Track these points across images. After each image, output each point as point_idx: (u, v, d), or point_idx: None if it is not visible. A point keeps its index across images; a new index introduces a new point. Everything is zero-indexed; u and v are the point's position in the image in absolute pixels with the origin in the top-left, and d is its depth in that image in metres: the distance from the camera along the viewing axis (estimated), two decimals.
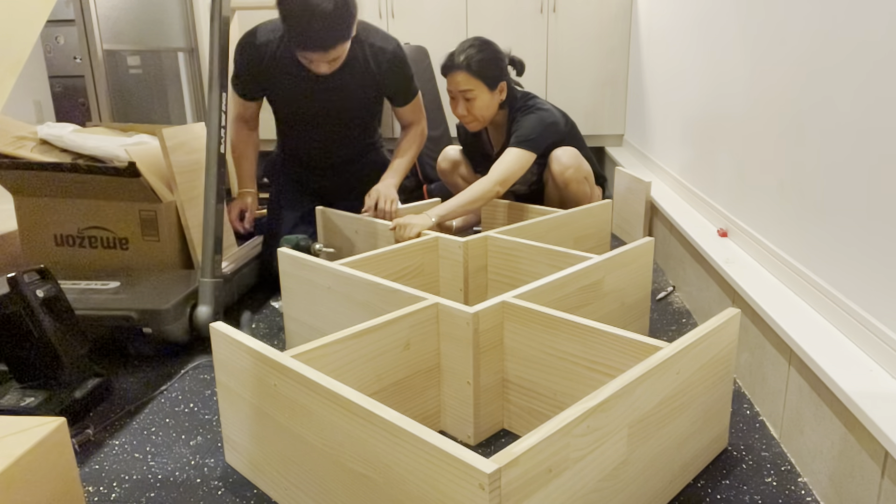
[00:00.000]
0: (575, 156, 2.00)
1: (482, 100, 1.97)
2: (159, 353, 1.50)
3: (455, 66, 1.94)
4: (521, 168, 1.88)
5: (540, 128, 1.93)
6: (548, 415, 1.11)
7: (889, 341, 0.93)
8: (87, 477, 1.07)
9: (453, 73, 1.95)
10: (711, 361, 1.01)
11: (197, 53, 3.38)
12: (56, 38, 4.23)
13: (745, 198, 1.52)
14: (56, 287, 1.22)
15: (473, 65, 1.92)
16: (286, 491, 0.97)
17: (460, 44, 1.97)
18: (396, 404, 1.10)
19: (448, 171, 2.31)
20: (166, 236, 1.70)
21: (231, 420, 1.05)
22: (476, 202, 1.81)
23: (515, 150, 1.88)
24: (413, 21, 3.19)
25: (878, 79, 0.96)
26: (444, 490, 0.72)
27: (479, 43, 1.95)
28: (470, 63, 1.92)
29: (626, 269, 1.40)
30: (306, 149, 1.99)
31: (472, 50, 1.93)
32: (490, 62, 1.94)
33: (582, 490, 0.80)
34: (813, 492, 1.00)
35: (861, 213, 1.01)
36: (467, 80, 1.94)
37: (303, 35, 1.61)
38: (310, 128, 1.93)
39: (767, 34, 1.39)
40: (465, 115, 2.01)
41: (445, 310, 1.11)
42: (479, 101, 1.97)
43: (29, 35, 0.97)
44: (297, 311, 1.46)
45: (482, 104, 1.98)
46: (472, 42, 1.96)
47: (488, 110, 2.00)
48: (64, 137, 1.65)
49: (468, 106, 1.98)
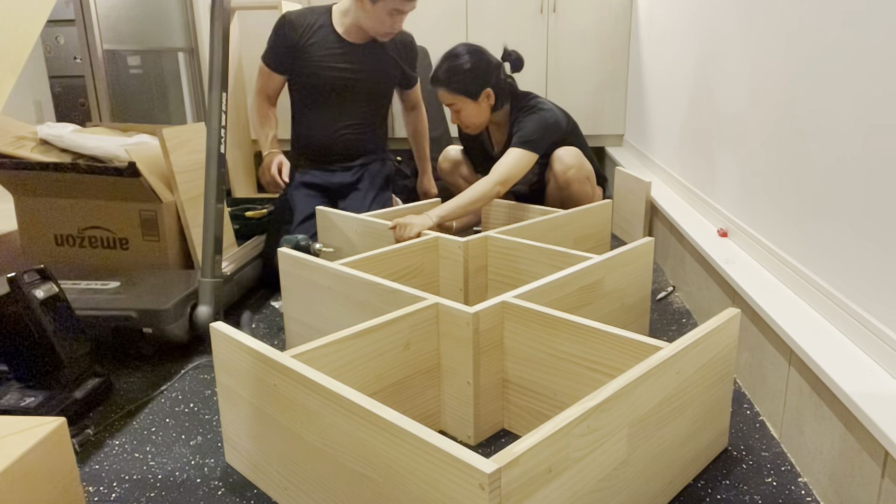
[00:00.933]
0: (577, 155, 2.00)
1: (467, 110, 2.00)
2: (159, 353, 1.50)
3: (434, 81, 1.99)
4: (523, 169, 1.89)
5: (542, 128, 1.93)
6: (548, 415, 1.11)
7: (889, 341, 0.93)
8: (87, 477, 1.07)
9: (435, 88, 2.00)
10: (711, 361, 1.01)
11: (197, 53, 3.38)
12: (56, 38, 4.23)
13: (746, 198, 1.52)
14: (56, 287, 1.22)
15: (450, 82, 1.95)
16: (286, 491, 0.97)
17: (444, 56, 1.98)
18: (396, 404, 1.10)
19: (449, 170, 2.31)
20: (166, 236, 1.70)
21: (231, 420, 1.05)
22: (477, 202, 1.81)
23: (517, 151, 1.89)
24: (413, 21, 3.19)
25: (878, 78, 0.96)
26: (444, 490, 0.72)
27: (459, 54, 1.95)
28: (447, 79, 1.95)
29: (626, 269, 1.40)
30: (319, 132, 2.08)
31: (448, 64, 1.95)
32: (467, 74, 1.94)
33: (582, 490, 0.80)
34: (813, 492, 1.00)
35: (861, 212, 1.01)
36: (447, 95, 1.98)
37: None
38: (328, 103, 2.06)
39: (767, 34, 1.39)
40: (456, 122, 2.07)
41: (445, 310, 1.11)
42: (464, 112, 2.01)
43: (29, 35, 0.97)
44: (297, 311, 1.46)
45: (468, 114, 2.01)
46: (454, 54, 1.96)
47: (477, 118, 2.03)
48: (64, 137, 1.65)
49: (458, 117, 2.03)
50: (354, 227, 1.78)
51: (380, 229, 1.70)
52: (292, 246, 1.64)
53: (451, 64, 1.94)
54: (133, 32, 3.07)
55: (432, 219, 1.68)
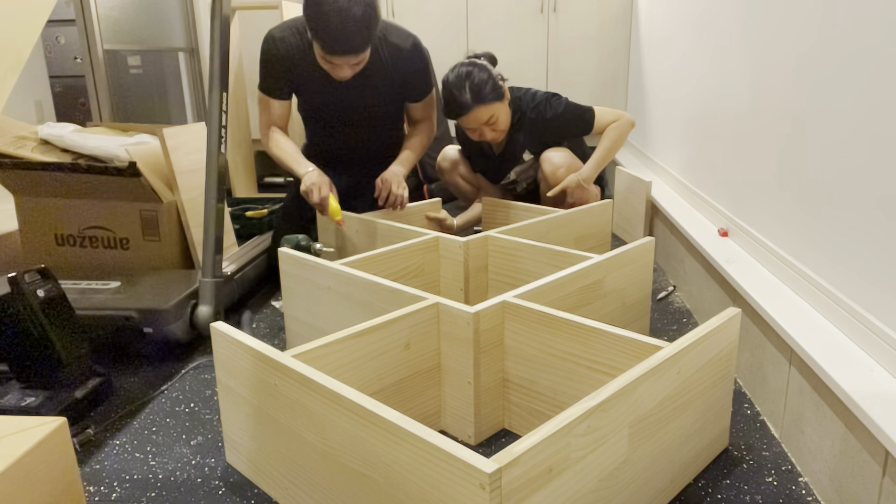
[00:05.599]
0: (567, 155, 2.00)
1: (503, 115, 1.99)
2: (159, 353, 1.50)
3: (468, 105, 1.91)
4: (613, 111, 2.03)
5: (571, 105, 2.02)
6: (548, 415, 1.11)
7: (889, 341, 0.93)
8: (87, 477, 1.07)
9: (469, 112, 1.92)
10: (712, 361, 1.01)
11: (197, 53, 3.38)
12: (56, 38, 4.23)
13: (746, 197, 1.52)
14: (56, 287, 1.22)
15: (483, 96, 1.91)
16: (286, 491, 0.97)
17: (453, 83, 1.92)
18: (397, 404, 1.10)
19: (448, 170, 2.31)
20: (167, 236, 1.70)
21: (231, 420, 1.05)
22: (618, 143, 2.00)
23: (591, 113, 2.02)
24: (413, 21, 3.19)
25: (878, 78, 0.96)
26: (445, 490, 0.72)
27: (469, 71, 1.92)
28: (480, 95, 1.91)
29: (626, 268, 1.40)
30: (334, 146, 2.01)
31: (468, 83, 1.91)
32: (490, 81, 1.93)
33: (582, 490, 0.80)
34: (814, 491, 1.00)
35: (862, 212, 1.01)
36: (484, 110, 1.93)
37: (333, 39, 1.61)
38: (337, 125, 1.96)
39: (768, 34, 1.39)
40: (494, 137, 2.01)
41: (446, 309, 1.11)
42: (501, 118, 1.98)
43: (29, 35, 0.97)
44: (297, 311, 1.46)
45: (504, 118, 2.00)
46: (465, 73, 1.92)
47: (508, 119, 2.02)
48: (64, 137, 1.65)
49: (493, 128, 1.98)
50: (355, 227, 1.78)
51: (380, 229, 1.70)
52: (292, 246, 1.64)
53: (471, 82, 1.91)
54: (133, 32, 3.08)
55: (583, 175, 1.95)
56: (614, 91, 3.24)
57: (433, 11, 3.15)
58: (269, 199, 2.42)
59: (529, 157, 2.14)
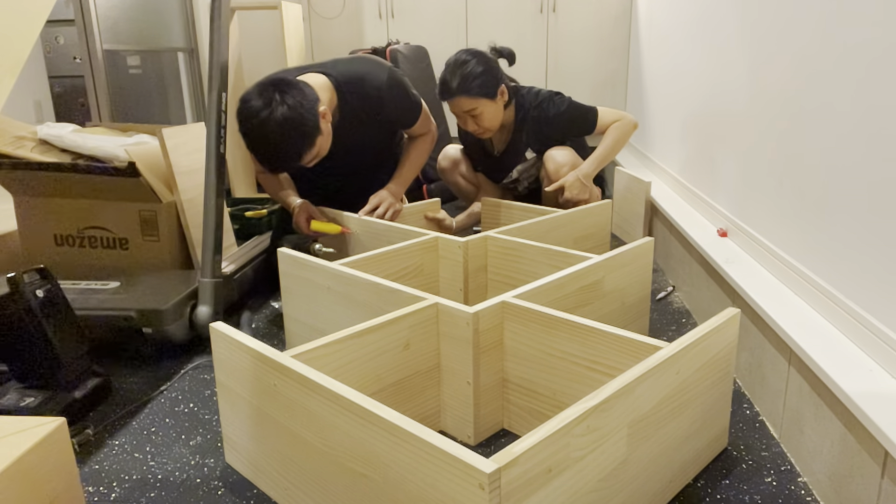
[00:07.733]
0: (570, 154, 2.00)
1: (488, 112, 1.98)
2: (159, 353, 1.50)
3: (453, 92, 1.94)
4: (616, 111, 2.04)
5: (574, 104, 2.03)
6: (548, 415, 1.11)
7: (889, 341, 0.93)
8: (87, 477, 1.07)
9: (453, 98, 1.95)
10: (711, 361, 1.01)
11: (197, 53, 3.38)
12: (56, 38, 4.23)
13: (746, 197, 1.52)
14: (56, 287, 1.22)
15: (469, 87, 1.92)
16: (286, 491, 0.97)
17: (450, 66, 1.95)
18: (396, 404, 1.10)
19: (448, 169, 2.31)
20: (166, 236, 1.70)
21: (231, 420, 1.05)
22: (620, 142, 2.00)
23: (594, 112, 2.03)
24: (413, 21, 3.19)
25: (878, 78, 0.96)
26: (444, 490, 0.72)
27: (466, 59, 1.93)
28: (465, 86, 1.92)
29: (626, 269, 1.40)
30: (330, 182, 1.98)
31: (460, 71, 1.92)
32: (483, 76, 1.93)
33: (582, 490, 0.80)
34: (813, 492, 1.00)
35: (861, 212, 1.01)
36: (467, 101, 1.94)
37: (267, 162, 1.59)
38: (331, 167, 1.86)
39: (767, 34, 1.39)
40: (476, 130, 2.02)
41: (445, 310, 1.11)
42: (485, 115, 1.98)
43: (29, 35, 0.97)
44: (297, 311, 1.46)
45: (489, 116, 1.98)
46: (462, 61, 1.93)
47: (496, 118, 2.01)
48: (64, 137, 1.65)
49: (476, 122, 1.99)
50: (354, 227, 1.78)
51: (380, 229, 1.70)
52: (292, 246, 1.64)
53: (463, 71, 1.92)
54: (133, 32, 3.08)
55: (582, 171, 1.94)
56: (613, 91, 3.24)
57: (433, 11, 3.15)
58: (269, 199, 2.42)
59: (531, 156, 2.14)
